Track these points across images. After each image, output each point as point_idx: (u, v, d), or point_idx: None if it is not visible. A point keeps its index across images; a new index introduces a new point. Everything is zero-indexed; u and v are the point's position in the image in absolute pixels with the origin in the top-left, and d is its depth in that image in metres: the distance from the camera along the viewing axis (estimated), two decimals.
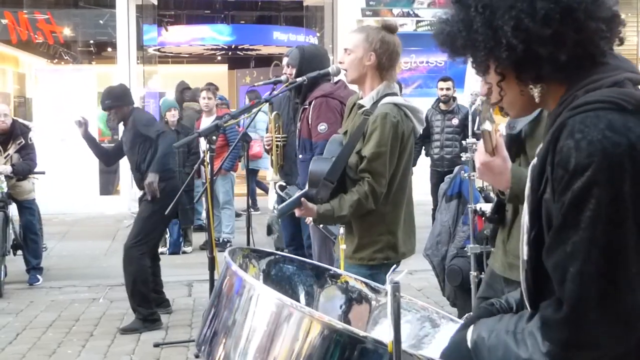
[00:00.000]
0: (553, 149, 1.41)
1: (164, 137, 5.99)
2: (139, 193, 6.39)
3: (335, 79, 4.52)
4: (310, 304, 1.99)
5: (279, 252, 2.14)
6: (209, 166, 4.03)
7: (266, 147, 5.67)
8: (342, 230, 2.42)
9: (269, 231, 4.35)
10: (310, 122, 4.64)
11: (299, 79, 3.90)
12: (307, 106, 4.73)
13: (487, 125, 2.07)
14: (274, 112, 5.51)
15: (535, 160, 1.50)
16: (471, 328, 1.57)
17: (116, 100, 6.08)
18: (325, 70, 3.86)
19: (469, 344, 1.54)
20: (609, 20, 1.49)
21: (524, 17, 1.45)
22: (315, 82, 4.55)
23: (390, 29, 3.46)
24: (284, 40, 17.07)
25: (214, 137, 3.91)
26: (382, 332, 1.88)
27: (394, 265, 1.88)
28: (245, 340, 1.62)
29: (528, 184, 1.51)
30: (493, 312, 1.66)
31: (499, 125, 2.68)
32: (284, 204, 3.32)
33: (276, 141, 5.52)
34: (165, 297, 6.52)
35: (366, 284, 2.16)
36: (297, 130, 4.82)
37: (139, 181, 6.22)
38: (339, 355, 1.52)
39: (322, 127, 4.52)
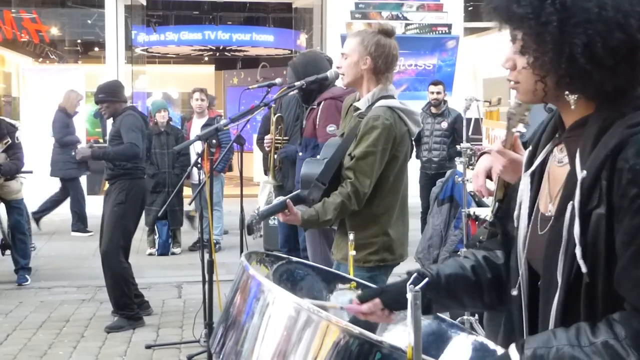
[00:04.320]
0: (612, 165, 1.44)
1: (130, 148, 5.98)
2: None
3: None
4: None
5: (291, 257, 2.15)
6: (209, 168, 4.04)
7: (266, 148, 5.70)
8: (351, 236, 2.44)
9: (249, 231, 4.37)
10: (318, 122, 4.66)
11: (297, 83, 3.92)
12: (315, 106, 4.76)
13: (520, 128, 2.10)
14: (277, 115, 5.54)
15: (584, 174, 1.49)
16: (514, 346, 1.53)
17: (109, 95, 6.19)
18: (324, 74, 3.88)
19: None
20: None
21: (598, 40, 1.44)
22: (323, 85, 4.60)
23: (386, 32, 3.48)
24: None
25: (214, 141, 3.91)
26: (392, 338, 1.90)
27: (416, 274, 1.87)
28: (262, 344, 1.63)
29: (577, 197, 1.50)
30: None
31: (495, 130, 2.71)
32: (266, 207, 3.33)
33: (276, 143, 5.56)
34: (143, 298, 6.48)
35: None
36: (301, 128, 4.85)
37: (108, 169, 6.21)
38: (356, 359, 1.54)
39: (331, 128, 4.55)
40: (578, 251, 1.49)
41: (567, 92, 1.54)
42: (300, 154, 4.86)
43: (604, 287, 1.48)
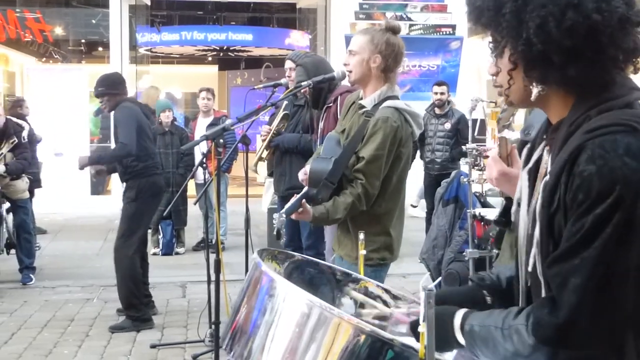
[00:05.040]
0: (569, 170, 1.46)
1: (121, 148, 5.85)
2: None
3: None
4: None
5: (302, 255, 2.16)
6: (216, 168, 4.05)
7: (262, 137, 5.70)
8: (362, 235, 2.44)
9: (278, 235, 4.35)
10: (338, 117, 4.67)
11: (304, 83, 3.92)
12: (330, 104, 4.77)
13: (505, 133, 2.10)
14: (284, 112, 5.57)
15: (547, 178, 1.53)
16: (460, 315, 1.64)
17: (109, 88, 6.01)
18: (331, 74, 3.88)
19: (457, 332, 1.62)
20: (630, 52, 1.52)
21: (550, 20, 1.47)
22: (332, 84, 4.60)
23: (394, 30, 3.48)
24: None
25: (221, 140, 3.92)
26: (402, 337, 1.90)
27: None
28: (274, 341, 1.64)
29: (540, 200, 1.55)
30: (483, 287, 1.84)
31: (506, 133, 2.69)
32: (288, 205, 3.34)
33: (272, 136, 5.59)
34: (151, 298, 6.46)
35: (385, 290, 2.18)
36: (320, 130, 4.84)
37: (121, 173, 6.17)
38: (367, 357, 1.55)
39: None
40: (534, 250, 1.56)
41: (533, 84, 1.56)
42: None
43: None
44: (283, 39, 16.96)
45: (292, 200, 3.32)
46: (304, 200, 3.27)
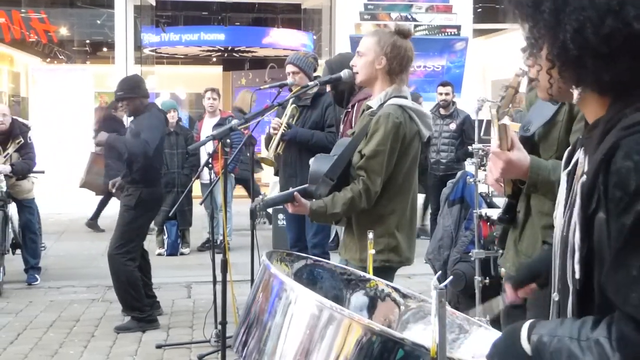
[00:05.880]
0: (606, 169, 1.40)
1: (142, 146, 5.74)
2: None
3: None
4: None
5: (310, 256, 2.16)
6: (223, 168, 4.05)
7: (272, 131, 5.65)
8: (371, 235, 2.43)
9: (253, 216, 4.29)
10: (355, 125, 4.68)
11: (310, 83, 3.93)
12: (349, 109, 4.78)
13: (505, 120, 2.07)
14: (293, 105, 5.55)
15: (584, 179, 1.48)
16: (527, 325, 1.54)
17: (129, 92, 5.97)
18: (337, 75, 3.88)
19: (524, 342, 1.52)
20: None
21: (588, 26, 1.41)
22: (354, 86, 4.63)
23: (403, 33, 3.48)
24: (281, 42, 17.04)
25: (228, 140, 3.93)
26: (412, 336, 1.90)
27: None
28: (285, 342, 1.64)
29: (578, 202, 1.49)
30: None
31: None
32: (274, 195, 3.32)
33: (283, 130, 5.58)
34: (156, 299, 6.45)
35: (395, 289, 2.18)
36: (340, 135, 4.85)
37: (126, 174, 6.11)
38: (378, 357, 1.54)
39: None
40: (576, 256, 1.49)
41: (573, 87, 1.52)
42: None
43: None
44: (260, 38, 16.76)
45: (282, 192, 3.30)
46: (296, 193, 3.25)
